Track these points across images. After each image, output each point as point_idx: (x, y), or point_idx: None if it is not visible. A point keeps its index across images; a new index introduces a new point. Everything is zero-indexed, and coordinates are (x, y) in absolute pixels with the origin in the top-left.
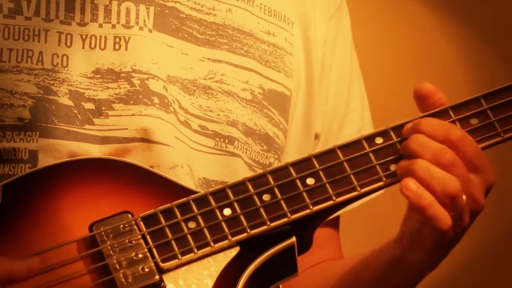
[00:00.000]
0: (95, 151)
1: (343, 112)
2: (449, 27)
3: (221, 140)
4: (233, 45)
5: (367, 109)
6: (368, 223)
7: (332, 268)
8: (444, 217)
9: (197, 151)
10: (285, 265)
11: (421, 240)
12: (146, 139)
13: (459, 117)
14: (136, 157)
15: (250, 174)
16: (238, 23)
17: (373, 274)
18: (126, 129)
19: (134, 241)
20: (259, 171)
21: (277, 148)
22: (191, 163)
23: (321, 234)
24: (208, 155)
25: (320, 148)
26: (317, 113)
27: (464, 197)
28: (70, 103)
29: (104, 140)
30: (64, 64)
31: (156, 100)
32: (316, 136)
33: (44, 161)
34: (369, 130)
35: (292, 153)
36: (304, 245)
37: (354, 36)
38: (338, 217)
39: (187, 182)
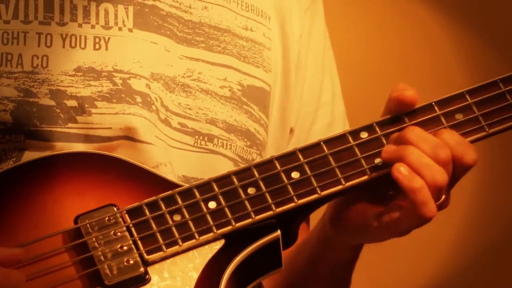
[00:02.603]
0: (80, 149)
1: (315, 107)
2: (447, 26)
3: (201, 138)
4: (209, 43)
5: (339, 102)
6: None
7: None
8: (431, 205)
9: (177, 149)
10: (270, 258)
11: (347, 225)
12: (130, 137)
13: (444, 111)
14: (121, 156)
15: (231, 170)
16: (215, 20)
17: (306, 256)
18: (110, 128)
19: (119, 234)
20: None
21: (259, 144)
22: (171, 161)
23: None
24: (188, 153)
25: (294, 142)
26: (292, 107)
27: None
28: (52, 102)
29: (88, 139)
30: (44, 64)
31: (138, 99)
32: (291, 131)
33: (31, 157)
34: (340, 124)
35: (269, 148)
36: (289, 239)
37: (352, 34)
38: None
39: None
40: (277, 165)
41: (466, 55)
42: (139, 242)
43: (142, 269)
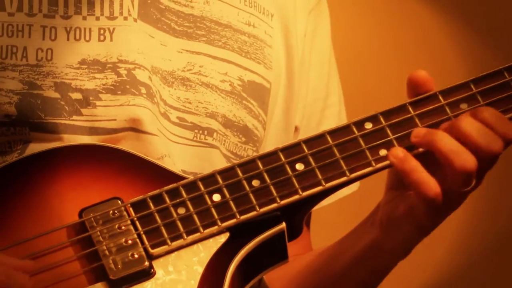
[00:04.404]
0: (84, 141)
1: (321, 107)
2: (447, 25)
3: (200, 132)
4: (211, 37)
5: (343, 106)
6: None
7: (302, 259)
8: (431, 184)
9: (176, 143)
10: (275, 251)
11: (399, 224)
12: (135, 129)
13: (448, 101)
14: (126, 147)
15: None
16: (216, 15)
17: (347, 260)
18: (115, 120)
19: (123, 227)
20: None
21: (256, 140)
22: (171, 155)
23: None
24: (187, 147)
25: None
26: (297, 106)
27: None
28: (56, 95)
29: (93, 131)
30: (49, 57)
31: (143, 90)
32: (296, 129)
33: (36, 149)
34: None
35: (271, 146)
36: (294, 231)
37: (352, 33)
38: (309, 215)
39: None
40: (282, 156)
41: (465, 54)
42: (143, 236)
43: (147, 263)
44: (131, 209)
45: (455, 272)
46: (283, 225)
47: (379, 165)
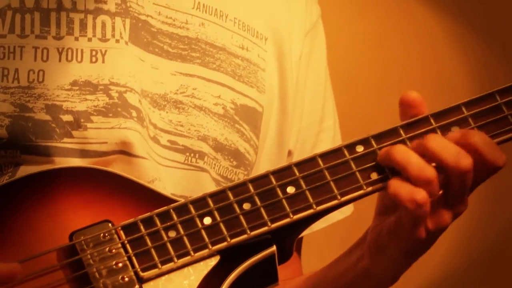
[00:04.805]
0: (75, 164)
1: (316, 130)
2: (448, 26)
3: (192, 155)
4: (205, 59)
5: (338, 129)
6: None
7: (292, 283)
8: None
9: (166, 166)
10: (266, 274)
11: (385, 248)
12: (126, 152)
13: (440, 124)
14: (116, 170)
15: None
16: (211, 38)
17: (334, 286)
18: (106, 142)
19: (114, 250)
20: None
21: (247, 164)
22: (161, 178)
23: None
24: (177, 171)
25: None
26: (291, 130)
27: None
28: (47, 117)
29: (84, 154)
30: (40, 79)
31: (134, 113)
32: (289, 153)
33: (26, 172)
34: None
35: (264, 170)
36: (285, 254)
37: (352, 36)
38: (300, 240)
39: None
40: (273, 179)
41: (467, 56)
42: (134, 259)
43: (137, 286)
44: (121, 232)
45: (455, 272)
46: (274, 248)
47: (370, 188)
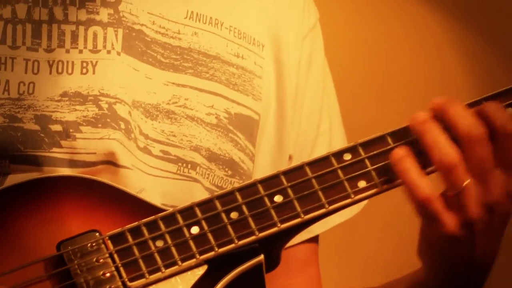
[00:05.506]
0: (63, 173)
1: (314, 135)
2: (448, 26)
3: (184, 165)
4: (198, 69)
5: (338, 132)
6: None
7: None
8: (421, 185)
9: (158, 177)
10: (253, 283)
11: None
12: (112, 163)
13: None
14: (104, 180)
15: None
16: (204, 47)
17: None
18: (95, 153)
19: (101, 260)
20: None
21: (242, 173)
22: (147, 189)
23: (299, 254)
24: (169, 181)
25: None
26: (290, 134)
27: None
28: (36, 127)
29: (72, 164)
30: (30, 91)
31: (122, 125)
32: (290, 157)
33: (14, 181)
34: None
35: (265, 174)
36: (272, 262)
37: (352, 36)
38: (317, 238)
39: None
40: (260, 188)
41: (467, 56)
42: (121, 269)
43: None
44: (109, 242)
45: None
46: (261, 257)
47: (358, 196)
